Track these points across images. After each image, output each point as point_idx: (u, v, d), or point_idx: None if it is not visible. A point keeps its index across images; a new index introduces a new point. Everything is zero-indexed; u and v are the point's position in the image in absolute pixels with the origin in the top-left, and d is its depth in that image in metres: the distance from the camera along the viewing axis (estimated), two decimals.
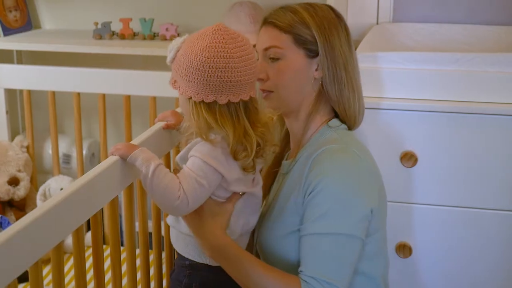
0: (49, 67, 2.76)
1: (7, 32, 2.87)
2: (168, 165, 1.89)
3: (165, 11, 2.87)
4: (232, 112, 1.49)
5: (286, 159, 1.75)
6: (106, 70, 2.69)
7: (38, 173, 2.88)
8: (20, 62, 3.04)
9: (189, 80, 1.45)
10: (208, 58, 1.43)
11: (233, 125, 1.48)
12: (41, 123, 2.95)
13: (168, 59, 1.52)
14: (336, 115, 1.67)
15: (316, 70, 1.62)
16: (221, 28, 1.47)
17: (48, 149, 2.92)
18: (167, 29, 2.72)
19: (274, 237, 1.62)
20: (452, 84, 2.00)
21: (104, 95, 2.69)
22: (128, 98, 2.67)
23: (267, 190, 1.77)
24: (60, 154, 2.89)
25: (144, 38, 2.76)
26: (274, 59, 1.62)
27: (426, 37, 2.49)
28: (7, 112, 2.82)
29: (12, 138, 2.85)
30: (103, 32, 2.77)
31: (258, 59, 1.62)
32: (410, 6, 2.61)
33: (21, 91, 2.90)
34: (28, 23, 2.99)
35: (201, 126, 1.47)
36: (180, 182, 1.47)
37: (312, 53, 1.61)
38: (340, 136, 1.61)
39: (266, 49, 1.63)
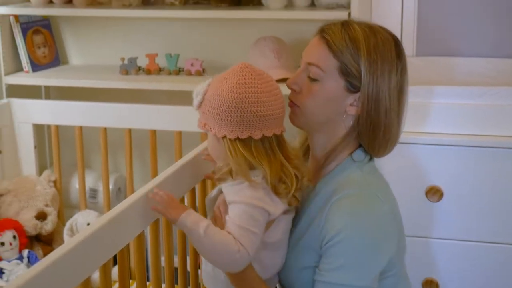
0: (76, 102, 2.80)
1: (36, 68, 2.92)
2: (193, 199, 1.90)
3: (190, 46, 2.91)
4: (266, 147, 1.50)
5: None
6: (132, 105, 2.72)
7: (65, 208, 2.91)
8: (48, 97, 3.09)
9: (221, 119, 1.47)
10: (239, 94, 1.45)
11: (269, 160, 1.49)
12: (68, 157, 2.98)
13: (196, 104, 1.54)
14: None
15: (351, 105, 1.52)
16: (246, 66, 1.49)
17: (75, 184, 2.95)
18: (192, 64, 2.76)
19: (290, 268, 1.60)
20: (478, 118, 2.00)
21: (130, 130, 2.72)
22: (154, 132, 2.69)
23: None
24: (87, 188, 2.91)
25: (170, 73, 2.79)
26: (312, 79, 1.53)
27: (449, 71, 2.50)
28: (35, 147, 2.85)
29: (40, 173, 2.88)
30: (129, 67, 2.81)
31: (299, 68, 1.59)
32: (433, 40, 2.62)
33: (48, 126, 2.94)
34: (56, 59, 3.04)
35: (240, 164, 1.47)
36: (234, 237, 1.46)
37: (353, 88, 1.51)
38: (363, 175, 1.54)
39: (309, 64, 1.55)
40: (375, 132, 1.52)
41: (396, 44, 1.54)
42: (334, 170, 1.57)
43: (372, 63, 1.49)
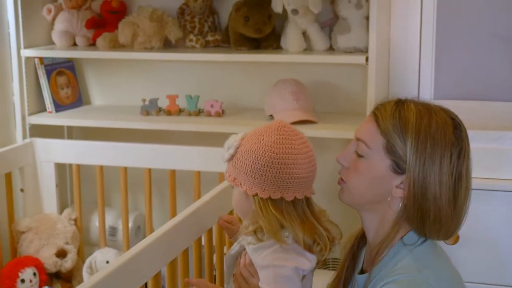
0: (97, 142, 2.85)
1: (59, 108, 2.98)
2: (210, 240, 1.92)
3: (210, 88, 2.96)
4: (298, 209, 1.49)
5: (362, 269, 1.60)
6: (152, 145, 2.77)
7: (85, 245, 2.94)
8: (70, 137, 3.15)
9: (255, 177, 1.46)
10: (277, 154, 1.45)
11: (301, 221, 1.48)
12: (89, 196, 3.02)
13: (227, 157, 1.52)
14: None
15: (397, 187, 1.45)
16: (285, 125, 1.49)
17: (95, 222, 2.98)
18: (212, 106, 2.80)
19: None
20: (491, 162, 2.01)
21: (150, 169, 2.76)
22: (173, 172, 2.73)
23: None
24: (107, 226, 2.95)
25: (190, 114, 2.84)
26: (359, 155, 1.49)
27: (466, 115, 2.51)
28: (56, 186, 2.90)
29: (61, 211, 2.93)
30: (150, 108, 2.86)
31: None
32: (451, 83, 2.65)
33: (70, 165, 2.99)
34: (79, 99, 3.11)
35: (271, 224, 1.46)
36: None
37: (399, 169, 1.44)
38: (414, 260, 1.44)
39: (357, 139, 1.50)
40: (423, 217, 1.43)
41: (455, 127, 1.46)
42: (386, 256, 1.49)
43: (420, 145, 1.41)
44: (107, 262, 2.69)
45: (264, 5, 2.73)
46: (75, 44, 3.01)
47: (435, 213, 1.42)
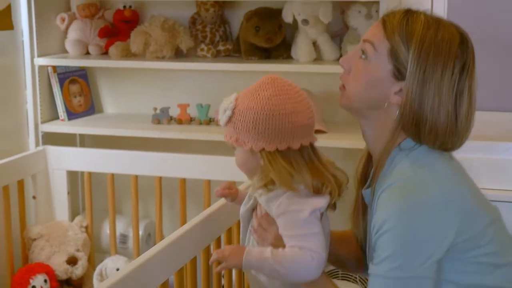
0: (109, 150, 2.88)
1: (72, 116, 3.01)
2: (218, 248, 1.94)
3: (221, 97, 2.94)
4: (305, 156, 1.50)
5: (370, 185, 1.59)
6: (163, 154, 2.79)
7: (95, 252, 2.96)
8: (82, 145, 3.18)
9: (258, 133, 1.47)
10: (276, 106, 1.46)
11: (309, 168, 1.49)
12: (100, 203, 3.04)
13: (225, 120, 1.53)
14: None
15: (395, 94, 1.46)
16: (276, 77, 1.51)
17: (106, 229, 3.01)
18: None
19: None
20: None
21: (160, 178, 2.78)
22: (183, 181, 2.75)
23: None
24: (117, 234, 2.97)
25: (200, 123, 2.86)
26: (363, 54, 1.48)
27: (479, 126, 2.51)
28: (68, 193, 2.93)
29: (72, 218, 2.95)
30: (161, 117, 2.89)
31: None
32: None
33: (82, 172, 3.01)
34: (91, 107, 3.13)
35: (281, 175, 1.47)
36: (300, 247, 1.45)
37: (399, 75, 1.44)
38: (410, 162, 1.46)
39: (364, 41, 1.49)
40: (419, 127, 1.44)
41: (462, 41, 1.45)
42: (385, 166, 1.49)
43: (423, 53, 1.41)
44: (117, 269, 2.71)
45: (275, 15, 2.75)
46: (88, 53, 3.04)
47: (431, 124, 1.43)
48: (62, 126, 2.95)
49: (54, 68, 2.96)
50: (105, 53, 3.02)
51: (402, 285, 1.40)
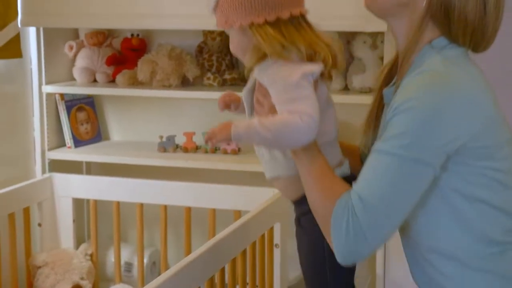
0: (115, 178, 2.88)
1: (78, 143, 3.03)
2: (222, 279, 1.93)
3: None
4: (296, 25, 1.49)
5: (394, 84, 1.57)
6: (168, 182, 2.79)
7: (100, 281, 2.96)
8: (89, 172, 3.19)
9: (245, 7, 1.47)
10: None
11: (301, 37, 1.48)
12: (105, 231, 3.05)
13: (213, 5, 1.53)
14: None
15: None
16: None
17: (111, 257, 3.00)
18: (228, 143, 2.83)
19: None
20: None
21: (166, 206, 2.79)
22: (188, 209, 2.75)
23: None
24: (122, 262, 2.96)
25: (206, 152, 2.87)
26: None
27: None
28: (73, 221, 2.93)
29: (77, 246, 2.95)
30: (167, 145, 2.90)
31: None
32: None
33: (87, 200, 3.02)
34: (98, 135, 3.15)
35: (273, 47, 1.45)
36: (289, 110, 1.42)
37: None
38: (442, 59, 1.43)
39: None
40: (448, 15, 1.43)
41: None
42: (413, 63, 1.47)
43: None
44: None
45: None
46: (95, 80, 3.06)
47: (459, 11, 1.42)
48: (69, 154, 2.96)
49: (62, 95, 2.98)
50: (112, 81, 3.03)
51: (404, 165, 1.36)
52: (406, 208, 1.39)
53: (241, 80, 2.90)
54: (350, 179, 1.50)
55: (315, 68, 1.47)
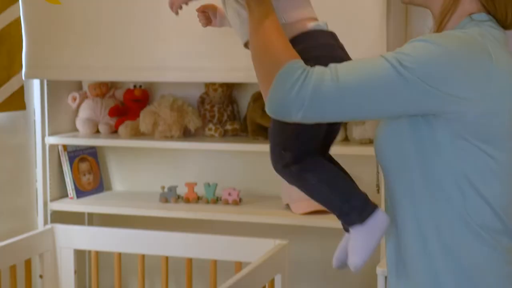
0: (116, 229, 2.89)
1: (80, 194, 3.04)
2: None
3: (228, 176, 3.00)
4: None
5: None
6: (169, 233, 2.80)
7: None
8: (91, 222, 3.19)
9: None
10: None
11: None
12: (107, 282, 3.04)
13: None
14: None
15: None
16: None
17: None
18: (229, 194, 2.84)
19: None
20: None
21: (167, 257, 2.79)
22: (190, 260, 2.75)
23: None
24: None
25: (208, 202, 2.87)
26: None
27: None
28: (75, 272, 2.92)
29: None
30: (169, 195, 2.91)
31: None
32: None
33: (89, 251, 3.02)
34: (100, 185, 3.16)
35: None
36: None
37: None
38: (480, 31, 1.38)
39: None
40: None
41: None
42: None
43: None
44: None
45: None
46: (98, 131, 3.09)
47: None
48: (71, 205, 2.97)
49: (65, 146, 3.00)
50: (115, 131, 3.06)
51: (392, 75, 1.31)
52: (362, 111, 1.36)
53: (242, 131, 2.93)
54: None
55: None
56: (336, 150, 2.66)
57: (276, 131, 1.56)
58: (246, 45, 1.58)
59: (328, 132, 1.56)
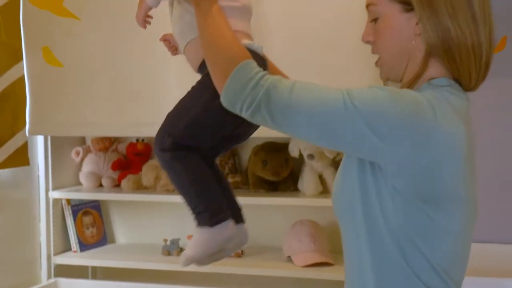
0: (119, 282, 2.92)
1: (84, 247, 3.06)
2: None
3: None
4: None
5: None
6: (172, 286, 2.82)
7: None
8: (94, 275, 3.20)
9: None
10: None
11: None
12: None
13: None
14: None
15: (417, 24, 1.45)
16: None
17: None
18: None
19: None
20: None
21: None
22: None
23: None
24: None
25: None
26: (373, 19, 1.51)
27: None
28: None
29: None
30: (171, 248, 2.93)
31: None
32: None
33: None
34: (103, 238, 3.19)
35: None
36: None
37: (408, 6, 1.45)
38: (435, 94, 1.40)
39: (366, 7, 1.53)
40: (445, 41, 1.42)
41: None
42: None
43: None
44: None
45: (281, 150, 2.83)
46: (101, 185, 3.12)
47: (456, 33, 1.41)
48: (74, 258, 2.99)
49: (68, 200, 3.04)
50: (117, 185, 3.10)
51: (343, 106, 1.34)
52: (302, 130, 1.39)
53: (244, 184, 2.96)
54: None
55: None
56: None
57: (173, 114, 1.63)
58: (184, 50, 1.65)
59: (230, 137, 1.63)
